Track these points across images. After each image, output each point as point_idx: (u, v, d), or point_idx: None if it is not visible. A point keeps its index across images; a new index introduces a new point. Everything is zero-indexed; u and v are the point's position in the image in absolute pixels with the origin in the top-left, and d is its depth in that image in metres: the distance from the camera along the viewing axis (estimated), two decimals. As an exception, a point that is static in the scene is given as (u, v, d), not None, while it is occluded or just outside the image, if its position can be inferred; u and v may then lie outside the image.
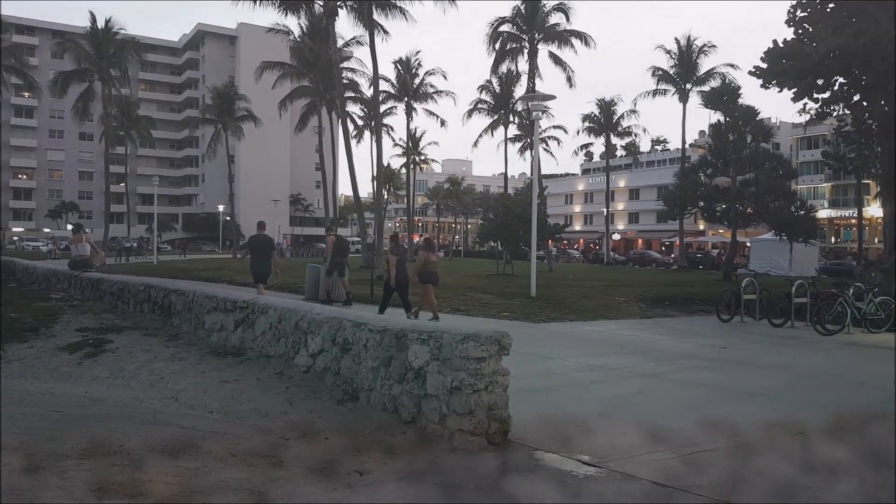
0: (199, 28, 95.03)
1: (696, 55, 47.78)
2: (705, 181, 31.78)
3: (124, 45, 48.49)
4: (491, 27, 43.07)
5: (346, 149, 34.49)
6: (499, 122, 52.11)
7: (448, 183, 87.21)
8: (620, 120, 53.55)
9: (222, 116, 55.44)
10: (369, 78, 41.72)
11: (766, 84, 22.56)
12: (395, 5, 33.64)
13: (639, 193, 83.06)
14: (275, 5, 33.22)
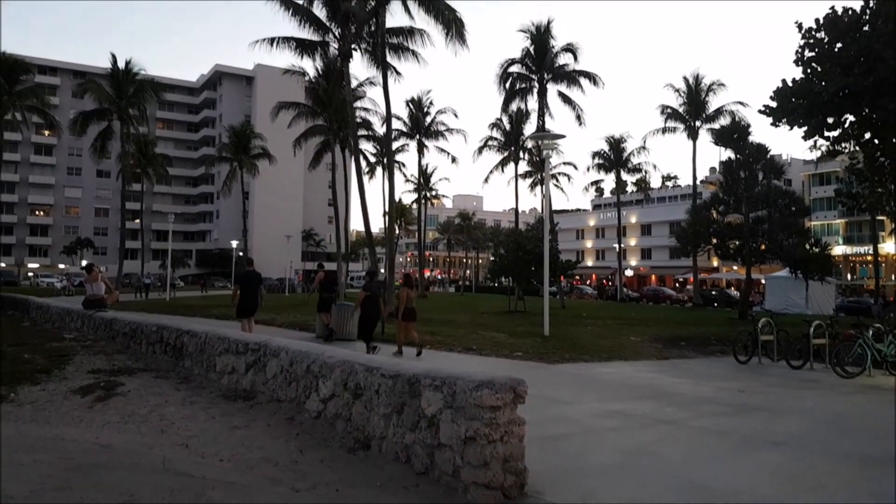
0: (217, 69, 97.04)
1: (705, 93, 48.08)
2: (718, 218, 31.67)
3: (143, 86, 49.52)
4: (501, 68, 43.78)
5: (358, 185, 34.72)
6: (509, 158, 52.49)
7: (459, 218, 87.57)
8: (630, 157, 53.75)
9: (238, 154, 56.39)
10: (382, 117, 42.33)
11: (776, 123, 22.62)
12: (407, 48, 34.21)
13: (651, 229, 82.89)
14: (291, 48, 33.88)
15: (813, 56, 21.44)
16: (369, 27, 33.61)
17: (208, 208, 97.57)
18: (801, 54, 21.70)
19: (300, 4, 32.18)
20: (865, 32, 20.00)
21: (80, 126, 47.99)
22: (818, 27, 21.18)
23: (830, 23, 20.87)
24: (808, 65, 21.53)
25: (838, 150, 23.93)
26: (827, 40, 21.05)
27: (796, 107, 21.75)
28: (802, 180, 74.42)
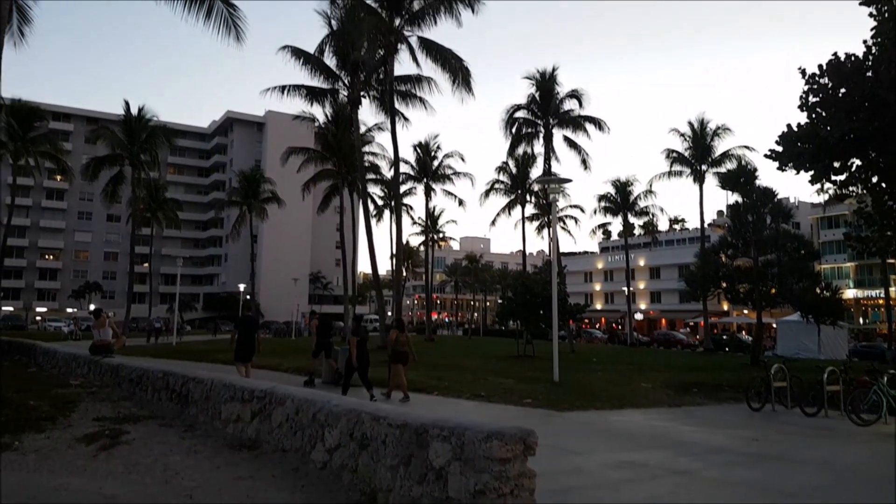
0: (229, 115, 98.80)
1: (711, 138, 48.36)
2: (727, 262, 31.55)
3: (156, 132, 50.37)
4: (507, 113, 44.46)
5: (366, 228, 35.01)
6: (516, 201, 52.85)
7: (466, 260, 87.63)
8: (637, 200, 53.94)
9: (248, 198, 57.09)
10: (390, 161, 42.90)
11: (782, 167, 22.68)
12: (415, 95, 34.93)
13: (659, 272, 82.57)
14: (302, 95, 34.60)
15: (817, 101, 21.61)
16: (378, 75, 34.37)
17: (217, 252, 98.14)
18: (805, 100, 21.88)
19: (311, 54, 33.02)
20: (869, 78, 20.19)
21: (92, 171, 48.73)
22: (821, 73, 21.40)
23: (834, 69, 21.09)
24: (813, 110, 21.69)
25: (845, 193, 23.92)
26: (831, 86, 21.23)
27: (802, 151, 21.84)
28: (811, 223, 74.32)
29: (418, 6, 31.16)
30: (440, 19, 30.97)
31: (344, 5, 31.28)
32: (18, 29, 14.76)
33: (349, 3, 30.94)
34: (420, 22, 31.30)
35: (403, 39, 31.82)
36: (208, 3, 12.35)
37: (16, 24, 14.45)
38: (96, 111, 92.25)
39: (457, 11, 30.70)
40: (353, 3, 30.80)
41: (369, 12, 30.71)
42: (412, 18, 31.33)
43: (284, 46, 32.53)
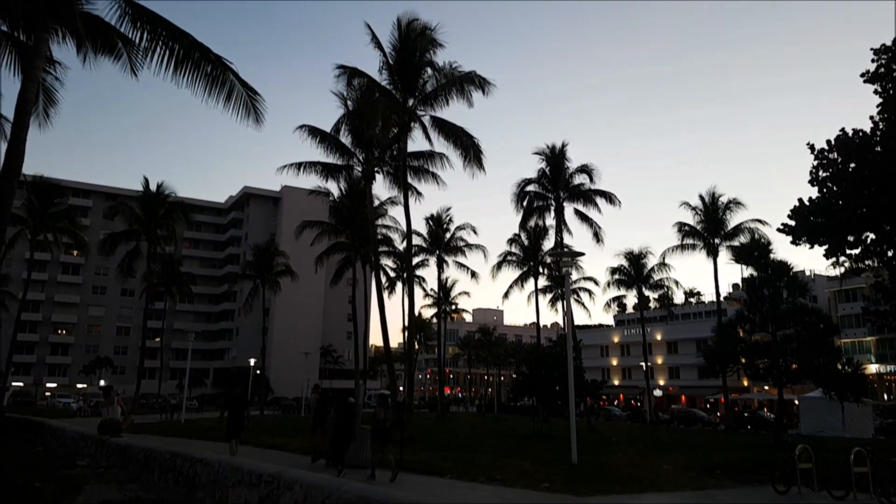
0: (245, 190, 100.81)
1: (722, 211, 48.42)
2: (745, 337, 31.02)
3: (173, 208, 51.28)
4: (518, 187, 45.00)
5: (378, 300, 34.90)
6: (528, 273, 52.78)
7: (479, 333, 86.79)
8: (651, 273, 53.69)
9: (261, 272, 57.53)
10: (403, 233, 43.27)
11: (795, 241, 22.61)
12: (427, 170, 35.56)
13: (677, 347, 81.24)
14: (317, 172, 35.33)
15: (828, 176, 21.74)
16: (392, 152, 35.12)
17: (228, 326, 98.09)
18: (815, 174, 22.01)
19: (328, 133, 33.87)
20: (878, 153, 20.34)
21: (109, 247, 49.43)
22: (830, 148, 21.61)
23: (842, 144, 21.30)
24: (824, 184, 21.79)
25: (861, 267, 23.69)
26: (840, 161, 21.40)
27: (815, 225, 21.82)
28: (828, 297, 73.37)
29: (431, 88, 32.10)
30: (452, 100, 31.84)
31: (360, 87, 32.25)
32: (44, 110, 15.25)
33: (364, 84, 31.90)
34: (433, 102, 32.17)
35: (417, 118, 32.63)
36: (228, 87, 12.74)
37: (41, 105, 14.94)
38: (115, 187, 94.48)
39: (468, 93, 31.59)
40: (368, 85, 31.75)
41: (384, 93, 31.63)
42: (425, 99, 32.22)
43: (302, 126, 33.41)
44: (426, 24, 31.75)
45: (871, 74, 21.16)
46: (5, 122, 23.26)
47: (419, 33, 31.50)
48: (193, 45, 12.51)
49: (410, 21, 31.71)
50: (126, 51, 13.58)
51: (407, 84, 32.01)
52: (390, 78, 32.08)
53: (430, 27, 31.74)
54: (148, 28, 12.42)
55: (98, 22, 13.23)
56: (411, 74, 31.81)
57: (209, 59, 12.63)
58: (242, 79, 13.04)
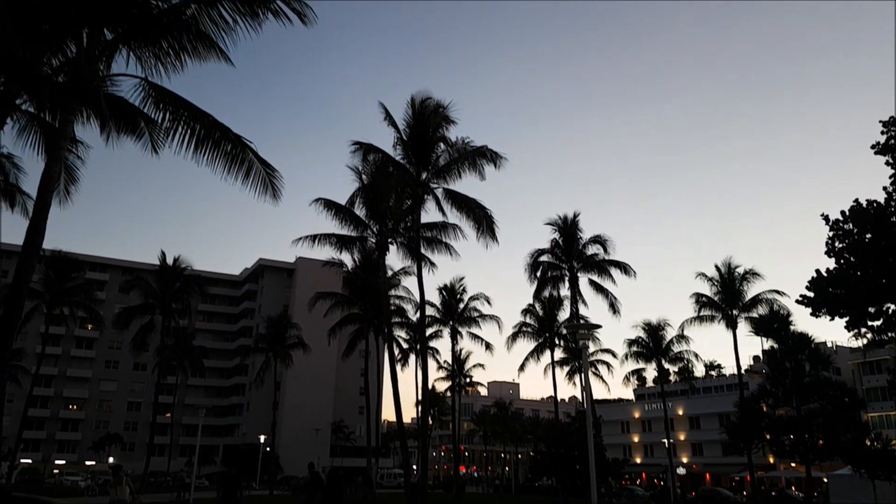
0: (261, 262, 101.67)
1: (739, 282, 47.82)
2: (768, 411, 30.17)
3: (189, 281, 51.67)
4: (531, 257, 45.03)
5: (391, 373, 34.47)
6: (544, 345, 52.05)
7: (495, 408, 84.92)
8: (670, 345, 52.76)
9: (273, 345, 57.28)
10: (416, 304, 43.17)
11: (815, 313, 22.22)
12: (440, 241, 35.78)
13: (699, 422, 78.87)
14: (332, 244, 35.69)
15: (844, 247, 21.56)
16: (405, 223, 35.48)
17: (239, 401, 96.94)
18: (831, 245, 21.85)
19: (342, 205, 34.39)
20: (894, 223, 20.22)
21: (124, 321, 49.61)
22: (845, 219, 21.52)
23: (857, 214, 21.22)
24: (841, 255, 21.58)
25: (884, 339, 23.18)
26: (856, 231, 21.27)
27: (834, 297, 21.49)
28: (852, 369, 71.53)
29: (444, 162, 32.71)
30: (465, 173, 32.36)
31: (374, 161, 32.95)
32: (64, 188, 15.58)
33: (379, 159, 32.60)
34: (446, 175, 32.70)
35: (430, 191, 33.10)
36: (247, 165, 13.00)
37: (62, 183, 15.27)
38: (132, 261, 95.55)
39: (480, 166, 32.13)
40: (383, 160, 32.43)
41: (398, 168, 32.24)
42: (438, 172, 32.78)
43: (318, 199, 33.99)
44: (439, 102, 32.67)
45: (882, 146, 21.26)
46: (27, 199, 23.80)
47: (432, 111, 32.37)
48: (214, 124, 12.86)
49: (424, 99, 32.65)
50: (148, 130, 13.96)
51: (420, 158, 32.66)
52: (404, 153, 32.79)
53: (443, 105, 32.66)
54: (170, 109, 12.81)
55: (122, 103, 13.67)
56: (425, 149, 32.51)
57: (229, 139, 12.95)
58: (261, 156, 13.33)
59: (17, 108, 13.85)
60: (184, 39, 12.77)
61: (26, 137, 14.73)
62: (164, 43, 12.87)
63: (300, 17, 12.47)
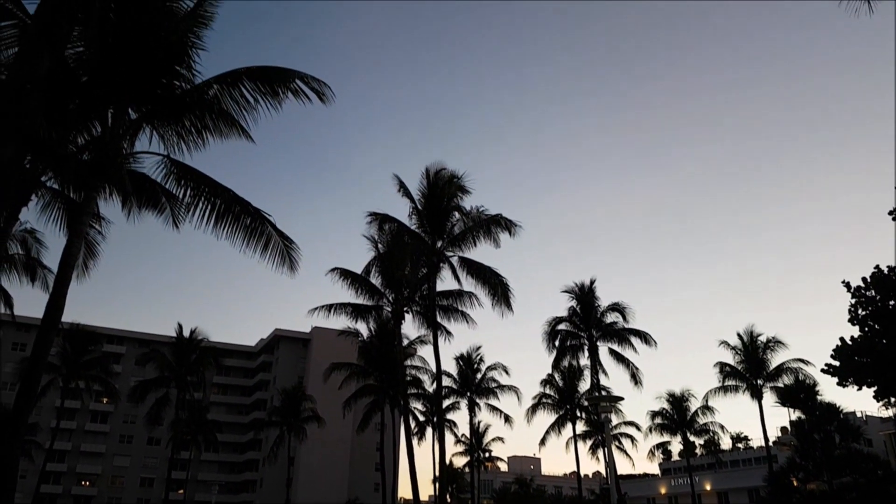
0: (276, 333, 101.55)
1: (763, 351, 46.87)
2: (799, 486, 28.97)
3: (205, 353, 51.63)
4: (549, 325, 44.48)
5: (407, 447, 33.74)
6: (565, 418, 50.82)
7: (516, 484, 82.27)
8: (695, 417, 51.27)
9: (288, 418, 56.46)
10: (432, 374, 42.68)
11: (842, 382, 21.72)
12: (456, 309, 35.68)
13: (728, 497, 75.60)
14: (347, 313, 35.71)
15: (867, 314, 21.25)
16: (421, 291, 35.52)
17: (252, 476, 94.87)
18: (854, 313, 21.56)
19: (358, 275, 34.60)
20: (917, 289, 19.94)
21: (139, 394, 49.39)
22: (867, 286, 21.30)
23: (878, 281, 20.99)
24: (865, 323, 21.26)
25: (917, 409, 22.46)
26: (878, 298, 20.98)
27: (861, 365, 21.05)
28: (884, 440, 68.74)
29: (459, 230, 33.03)
30: (480, 241, 32.59)
31: (390, 231, 33.38)
32: (83, 262, 15.81)
33: (395, 229, 33.01)
34: (461, 244, 32.95)
35: (445, 259, 33.28)
36: (266, 238, 13.19)
37: (82, 257, 15.49)
38: (148, 333, 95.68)
39: (495, 235, 32.38)
40: (398, 229, 32.84)
41: (413, 237, 32.60)
42: (453, 241, 33.04)
43: (334, 269, 34.27)
44: (453, 173, 33.29)
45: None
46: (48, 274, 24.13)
47: (447, 181, 32.94)
48: (234, 199, 13.13)
49: (438, 170, 33.30)
50: (170, 205, 14.25)
51: (435, 227, 33.01)
52: (419, 222, 33.19)
53: (457, 175, 33.26)
54: (192, 185, 13.14)
55: (144, 179, 14.03)
56: (440, 218, 32.90)
57: (248, 212, 13.20)
58: (279, 229, 13.54)
59: (42, 185, 14.24)
60: (206, 118, 13.20)
61: (49, 213, 15.09)
62: (187, 121, 13.32)
63: (319, 96, 12.88)
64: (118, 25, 12.27)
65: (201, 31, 12.93)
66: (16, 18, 11.48)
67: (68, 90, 12.16)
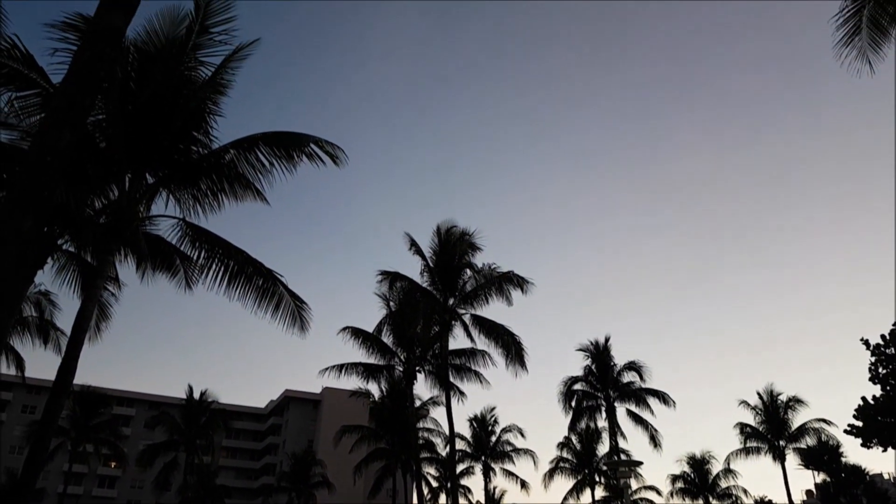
0: (286, 394, 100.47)
1: (784, 411, 45.76)
2: (828, 553, 27.80)
3: (215, 416, 51.07)
4: (564, 385, 43.67)
5: (419, 517, 32.81)
6: (584, 482, 49.28)
7: (535, 557, 79.42)
8: (717, 480, 49.69)
9: (297, 484, 55.24)
10: (445, 437, 41.82)
11: (866, 444, 21.10)
12: (469, 369, 35.30)
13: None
14: (358, 373, 35.42)
15: (888, 372, 20.81)
16: (433, 350, 35.23)
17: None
18: (874, 371, 21.12)
19: (369, 333, 34.45)
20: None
21: (148, 458, 48.69)
22: (886, 343, 20.91)
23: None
24: (886, 381, 20.80)
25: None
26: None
27: (884, 426, 20.48)
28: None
29: (471, 288, 32.94)
30: (492, 299, 32.44)
31: (401, 288, 33.37)
32: (96, 324, 15.85)
33: (406, 286, 33.00)
34: (473, 301, 32.80)
35: (457, 317, 33.09)
36: (277, 298, 13.21)
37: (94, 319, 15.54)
38: (158, 395, 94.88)
39: (507, 292, 32.24)
40: (409, 287, 32.82)
41: (425, 294, 32.53)
42: (465, 298, 32.92)
43: (345, 328, 34.17)
44: (464, 230, 33.45)
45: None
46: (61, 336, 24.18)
47: (458, 238, 33.08)
48: (247, 260, 13.24)
49: (449, 228, 33.49)
50: (183, 267, 14.36)
51: (447, 285, 32.96)
52: (430, 279, 33.18)
53: (468, 232, 33.41)
54: (206, 247, 13.27)
55: (159, 241, 14.19)
56: (451, 276, 32.88)
57: (261, 273, 13.27)
58: (291, 289, 13.57)
59: (58, 248, 14.42)
60: (223, 182, 13.44)
61: (64, 275, 15.22)
62: (203, 185, 13.55)
63: (332, 159, 13.11)
64: (138, 94, 12.66)
65: (219, 97, 13.30)
66: (39, 87, 11.87)
67: (87, 156, 12.45)
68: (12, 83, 11.63)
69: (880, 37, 11.63)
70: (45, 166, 5.33)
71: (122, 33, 6.48)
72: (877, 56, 11.84)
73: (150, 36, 12.68)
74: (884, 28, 11.50)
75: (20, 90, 11.79)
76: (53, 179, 5.36)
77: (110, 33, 6.28)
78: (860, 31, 11.62)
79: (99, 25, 6.31)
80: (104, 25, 6.29)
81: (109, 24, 6.30)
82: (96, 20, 6.39)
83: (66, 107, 5.63)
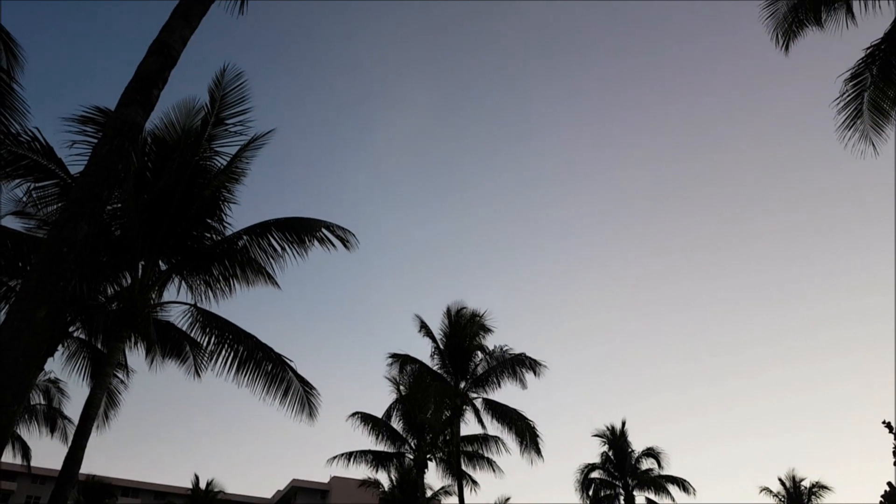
0: (294, 484, 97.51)
1: (807, 497, 43.90)
2: None
3: (220, 507, 49.57)
4: (581, 473, 42.15)
5: None
6: (610, 572, 46.87)
7: None
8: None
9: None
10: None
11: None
12: (482, 455, 34.25)
13: None
14: (367, 461, 34.45)
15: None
16: (444, 436, 34.31)
17: None
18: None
19: (379, 418, 33.68)
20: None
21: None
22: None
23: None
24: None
25: None
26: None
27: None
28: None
29: (482, 370, 32.43)
30: (504, 382, 31.86)
31: (412, 372, 32.90)
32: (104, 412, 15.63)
33: (416, 370, 32.54)
34: (485, 384, 32.22)
35: (469, 401, 32.41)
36: (286, 384, 13.03)
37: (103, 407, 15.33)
38: (164, 484, 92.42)
39: (520, 374, 31.69)
40: (420, 370, 32.36)
41: (435, 378, 32.01)
42: (477, 382, 32.35)
43: (354, 413, 33.46)
44: (475, 311, 33.19)
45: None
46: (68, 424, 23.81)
47: (468, 320, 32.80)
48: (257, 346, 13.13)
49: (460, 309, 33.26)
50: (193, 354, 14.27)
51: (458, 368, 32.46)
52: (441, 362, 32.72)
53: (479, 314, 33.13)
54: (216, 333, 13.20)
55: (170, 328, 14.16)
56: (462, 358, 32.42)
57: (270, 358, 13.14)
58: (300, 374, 13.40)
59: (69, 336, 14.41)
60: (235, 267, 13.52)
61: (74, 362, 15.14)
62: (215, 270, 13.63)
63: (343, 244, 13.22)
64: (153, 183, 12.92)
65: (233, 185, 13.55)
66: (57, 178, 12.15)
67: (101, 244, 12.60)
68: (32, 174, 11.93)
69: (882, 119, 11.83)
70: (61, 257, 5.37)
71: (140, 128, 6.66)
72: (879, 137, 12.01)
73: (167, 127, 13.07)
74: (885, 111, 11.72)
75: (39, 181, 12.09)
76: (70, 271, 5.39)
77: (129, 128, 6.45)
78: (861, 114, 11.83)
79: (118, 120, 6.49)
80: (123, 120, 6.47)
81: (128, 118, 6.48)
82: (116, 114, 6.58)
83: (85, 199, 5.73)
